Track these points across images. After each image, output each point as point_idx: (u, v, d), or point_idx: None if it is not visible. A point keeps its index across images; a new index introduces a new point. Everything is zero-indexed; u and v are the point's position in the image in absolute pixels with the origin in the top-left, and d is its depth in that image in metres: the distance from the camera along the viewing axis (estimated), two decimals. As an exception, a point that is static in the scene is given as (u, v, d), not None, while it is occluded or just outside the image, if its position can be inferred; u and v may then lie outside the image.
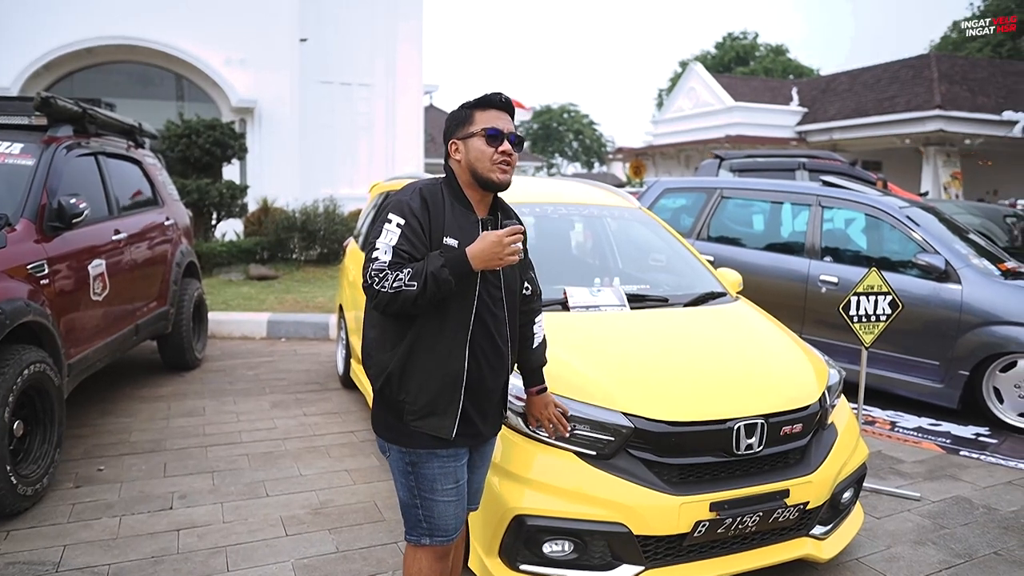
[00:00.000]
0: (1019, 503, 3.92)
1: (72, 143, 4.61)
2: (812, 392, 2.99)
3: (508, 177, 2.14)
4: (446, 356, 2.06)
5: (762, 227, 6.75)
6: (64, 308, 4.01)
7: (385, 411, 2.15)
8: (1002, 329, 5.04)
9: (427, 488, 2.12)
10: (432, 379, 2.06)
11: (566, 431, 2.43)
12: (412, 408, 2.08)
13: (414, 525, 2.16)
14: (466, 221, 2.11)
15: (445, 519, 2.14)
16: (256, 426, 4.83)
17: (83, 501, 3.62)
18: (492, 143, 2.10)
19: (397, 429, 2.11)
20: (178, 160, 11.04)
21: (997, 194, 25.09)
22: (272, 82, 15.45)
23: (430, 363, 2.06)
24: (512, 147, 2.13)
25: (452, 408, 2.08)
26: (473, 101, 2.17)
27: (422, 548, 2.16)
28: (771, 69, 49.98)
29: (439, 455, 2.11)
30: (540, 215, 4.33)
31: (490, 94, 2.18)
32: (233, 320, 7.63)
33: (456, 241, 2.05)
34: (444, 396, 2.07)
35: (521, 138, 2.18)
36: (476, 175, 2.12)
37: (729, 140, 28.63)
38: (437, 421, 2.07)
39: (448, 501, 2.13)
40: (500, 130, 2.11)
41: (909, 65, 27.95)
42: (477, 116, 2.14)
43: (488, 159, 2.10)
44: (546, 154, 56.16)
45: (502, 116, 2.15)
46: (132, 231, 5.13)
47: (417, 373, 2.07)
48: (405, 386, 2.08)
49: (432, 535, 2.14)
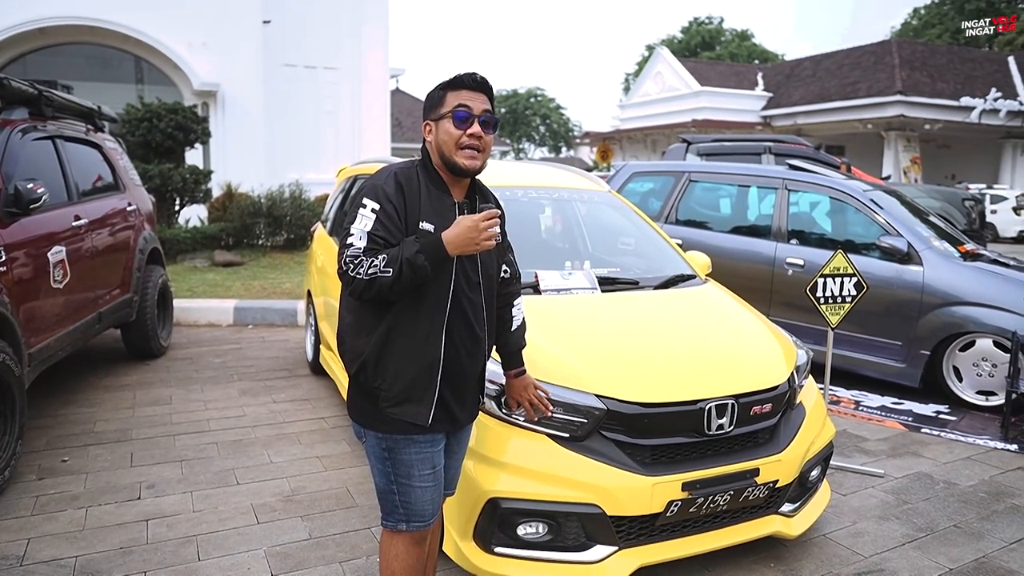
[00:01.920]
0: (977, 478, 4.04)
1: (28, 126, 4.48)
2: (781, 372, 3.03)
3: (476, 163, 2.06)
4: (423, 342, 2.03)
5: (729, 210, 6.82)
6: (23, 296, 3.90)
7: (361, 397, 2.11)
8: (961, 309, 5.16)
9: (404, 474, 2.09)
10: (408, 365, 2.03)
11: (549, 411, 2.44)
12: (388, 395, 2.04)
13: (391, 511, 2.14)
14: (442, 205, 2.07)
15: (423, 504, 2.12)
16: (225, 414, 4.77)
17: (47, 493, 3.54)
18: (460, 125, 2.04)
19: (373, 415, 2.08)
20: (139, 145, 10.78)
21: (955, 178, 25.69)
22: (235, 65, 15.13)
23: (406, 349, 2.03)
24: (483, 129, 2.06)
25: (428, 395, 2.05)
26: (446, 81, 2.11)
27: (399, 534, 2.14)
28: (737, 54, 50.39)
29: (416, 441, 2.08)
30: (510, 199, 4.29)
31: (463, 74, 2.10)
32: (199, 307, 7.51)
33: (432, 226, 2.01)
34: (420, 382, 2.04)
35: (495, 120, 2.12)
36: (443, 158, 2.07)
37: (696, 124, 28.87)
38: (413, 408, 2.04)
39: (425, 487, 2.11)
40: (470, 111, 2.04)
41: (871, 51, 28.41)
42: (449, 97, 2.07)
43: (455, 142, 2.04)
44: (513, 138, 56.03)
45: (476, 96, 2.08)
46: (93, 217, 5.00)
47: (393, 359, 2.03)
48: (381, 372, 2.04)
49: (409, 520, 2.12)
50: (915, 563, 3.10)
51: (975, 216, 10.64)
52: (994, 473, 4.11)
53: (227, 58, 15.04)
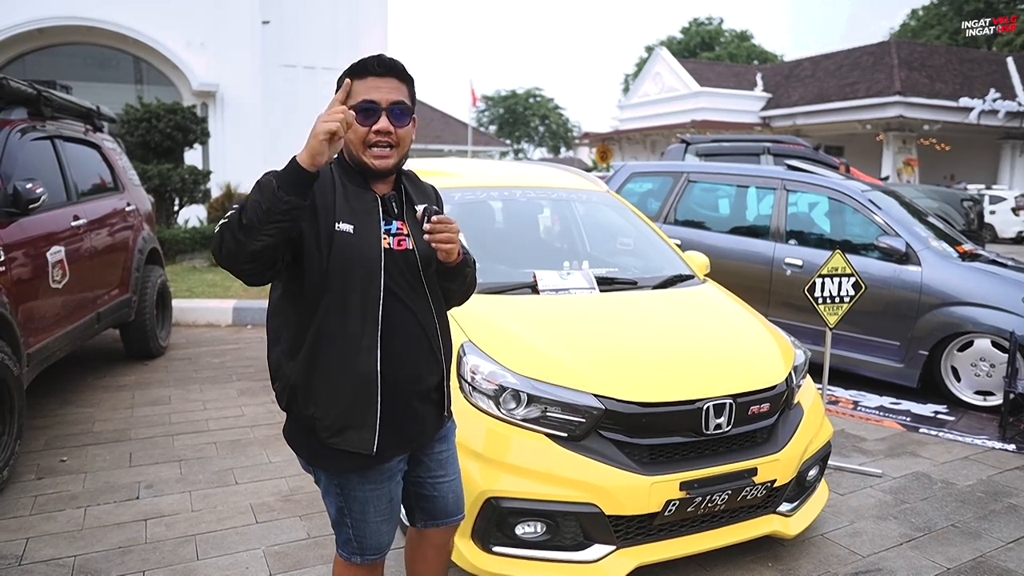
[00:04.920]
0: (975, 477, 4.05)
1: (27, 126, 4.48)
2: (779, 372, 3.04)
3: (389, 162, 1.81)
4: (353, 357, 1.78)
5: (728, 211, 6.82)
6: (22, 296, 3.90)
7: (299, 431, 1.89)
8: (959, 310, 5.17)
9: (358, 511, 1.90)
10: (341, 387, 1.79)
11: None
12: (323, 423, 1.81)
13: (345, 542, 1.97)
14: (361, 203, 1.82)
15: (378, 537, 1.95)
16: (223, 414, 4.77)
17: (46, 493, 3.54)
18: (365, 121, 1.77)
19: (315, 450, 1.86)
20: (138, 145, 10.79)
21: (954, 178, 25.71)
22: (234, 65, 15.15)
23: (336, 367, 1.78)
24: (394, 122, 1.79)
25: (369, 418, 1.80)
26: (349, 67, 1.82)
27: (353, 565, 1.98)
28: (736, 55, 50.44)
29: (369, 479, 1.88)
30: (508, 199, 4.32)
31: (367, 58, 1.81)
32: (198, 307, 7.51)
33: (351, 227, 1.77)
34: (358, 405, 1.80)
35: (407, 109, 1.82)
36: (351, 158, 1.83)
37: (695, 125, 28.88)
38: (355, 435, 1.80)
39: (380, 521, 1.93)
40: (375, 104, 1.78)
41: (870, 52, 28.44)
42: (355, 87, 1.78)
43: (361, 140, 1.79)
44: (512, 139, 56.02)
45: (383, 84, 1.79)
46: (92, 217, 5.01)
47: (323, 381, 1.79)
48: (312, 398, 1.81)
49: (363, 554, 1.96)
50: (913, 563, 3.10)
51: (973, 217, 10.66)
52: (992, 473, 4.12)
53: (226, 58, 15.06)
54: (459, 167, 4.65)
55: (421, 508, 2.08)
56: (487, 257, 3.67)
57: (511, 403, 2.68)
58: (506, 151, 41.30)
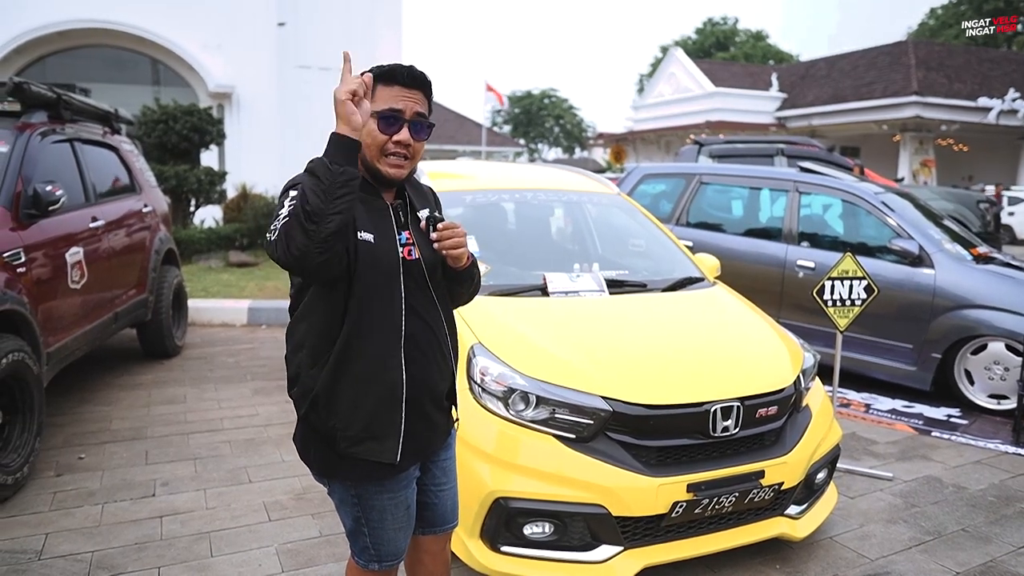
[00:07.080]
0: (987, 482, 4.03)
1: (47, 129, 4.56)
2: (787, 375, 3.05)
3: (402, 171, 1.82)
4: (380, 366, 1.79)
5: (740, 213, 6.82)
6: (42, 296, 3.98)
7: (315, 442, 1.87)
8: (973, 313, 5.14)
9: (376, 519, 1.91)
10: (367, 396, 1.79)
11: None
12: (346, 434, 1.79)
13: (362, 550, 1.96)
14: (376, 211, 1.83)
15: (395, 544, 1.96)
16: (238, 413, 4.83)
17: (64, 489, 3.61)
18: (386, 129, 1.78)
19: (334, 462, 1.85)
20: (155, 146, 10.91)
21: (972, 179, 25.45)
22: (250, 66, 15.26)
23: (362, 377, 1.78)
24: (414, 135, 1.80)
25: (394, 427, 1.82)
26: (377, 71, 1.81)
27: (369, 572, 1.99)
28: (751, 55, 50.17)
29: (387, 488, 1.88)
30: (520, 201, 4.35)
31: (398, 66, 1.81)
32: (213, 307, 7.59)
33: (371, 236, 1.77)
34: (383, 414, 1.81)
35: (429, 124, 1.84)
36: (365, 163, 1.81)
37: (709, 125, 28.75)
38: (378, 445, 1.81)
39: (397, 528, 1.94)
40: (399, 114, 1.79)
41: (887, 52, 28.20)
42: (379, 91, 1.79)
43: (379, 147, 1.79)
44: (527, 139, 56.05)
45: (409, 95, 1.80)
46: (110, 218, 5.08)
47: (348, 391, 1.78)
48: (335, 408, 1.79)
49: (381, 560, 1.96)
50: (922, 567, 3.10)
51: (990, 219, 10.55)
52: (1004, 477, 4.10)
53: (242, 60, 15.18)
54: (473, 169, 4.71)
55: (420, 516, 2.08)
56: (498, 259, 3.71)
57: (520, 404, 2.71)
58: (520, 151, 41.31)
